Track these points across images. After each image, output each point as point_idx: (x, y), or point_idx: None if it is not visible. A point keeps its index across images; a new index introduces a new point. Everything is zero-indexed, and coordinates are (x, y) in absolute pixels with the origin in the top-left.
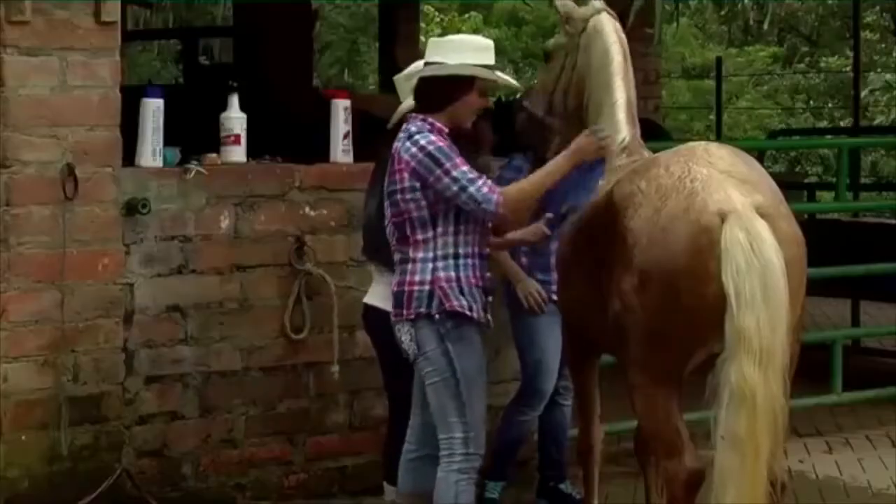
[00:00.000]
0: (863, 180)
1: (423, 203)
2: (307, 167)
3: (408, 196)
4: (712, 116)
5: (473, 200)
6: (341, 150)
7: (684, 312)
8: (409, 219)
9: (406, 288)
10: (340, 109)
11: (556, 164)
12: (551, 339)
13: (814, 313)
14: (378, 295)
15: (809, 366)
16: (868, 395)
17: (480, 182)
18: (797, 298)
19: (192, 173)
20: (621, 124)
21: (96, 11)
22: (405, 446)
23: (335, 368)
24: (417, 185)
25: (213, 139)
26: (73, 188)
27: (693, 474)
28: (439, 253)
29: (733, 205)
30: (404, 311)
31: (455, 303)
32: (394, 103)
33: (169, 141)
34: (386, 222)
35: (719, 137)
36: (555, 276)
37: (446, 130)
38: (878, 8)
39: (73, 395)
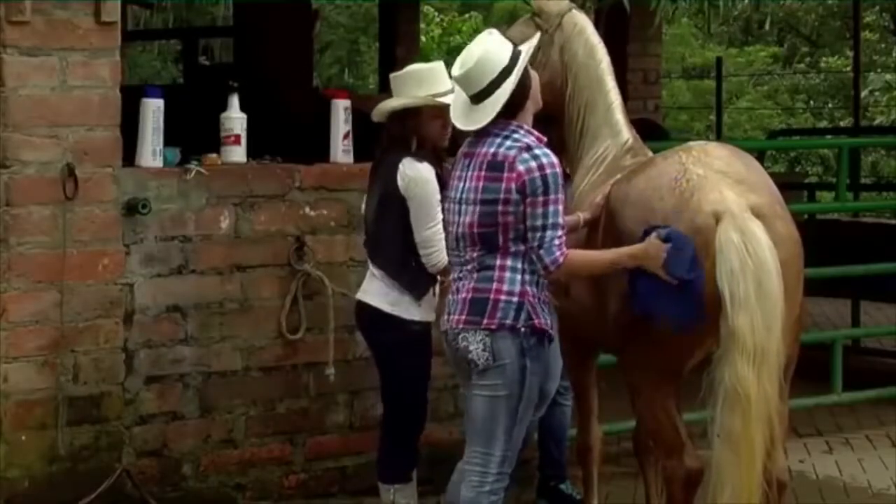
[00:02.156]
0: (863, 180)
1: (522, 216)
2: (307, 167)
3: (510, 208)
4: (712, 116)
5: (539, 242)
6: (341, 150)
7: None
8: (504, 229)
9: (491, 296)
10: (340, 109)
11: (620, 256)
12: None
13: (814, 313)
14: (374, 293)
15: (809, 366)
16: (868, 395)
17: (559, 233)
18: (794, 299)
19: (192, 173)
20: (621, 125)
21: (96, 11)
22: (463, 466)
23: (330, 371)
24: (519, 198)
25: (213, 139)
26: (73, 188)
27: (692, 473)
28: (527, 266)
29: (728, 205)
30: (484, 320)
31: (542, 320)
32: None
33: (169, 141)
34: (459, 228)
35: (719, 137)
36: None
37: (546, 139)
38: (878, 8)
39: (73, 395)
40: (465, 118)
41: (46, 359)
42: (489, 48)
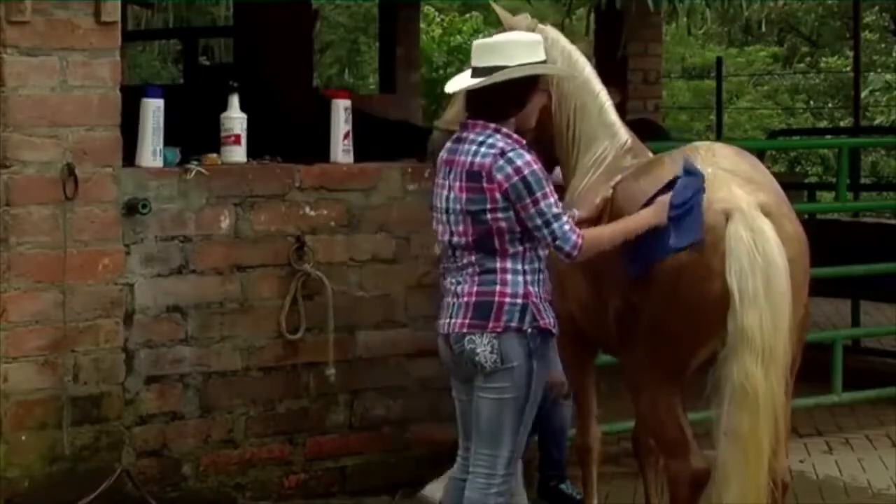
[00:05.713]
0: (863, 180)
1: (514, 220)
2: (307, 167)
3: (500, 215)
4: (712, 116)
5: (552, 236)
6: (341, 150)
7: (688, 310)
8: (498, 234)
9: (495, 299)
10: (340, 109)
11: (642, 218)
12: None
13: (814, 313)
14: None
15: (809, 366)
16: (868, 395)
17: (564, 219)
18: (800, 297)
19: (192, 173)
20: (617, 126)
21: (96, 11)
22: (456, 472)
23: (330, 371)
24: (508, 205)
25: (213, 139)
26: (73, 188)
27: (698, 474)
28: (527, 267)
29: (738, 203)
30: (490, 323)
31: (546, 320)
32: (390, 102)
33: (169, 141)
34: (453, 237)
35: (719, 137)
36: None
37: (524, 140)
38: (877, 8)
39: (74, 395)
40: (455, 84)
41: (47, 359)
42: (524, 40)
